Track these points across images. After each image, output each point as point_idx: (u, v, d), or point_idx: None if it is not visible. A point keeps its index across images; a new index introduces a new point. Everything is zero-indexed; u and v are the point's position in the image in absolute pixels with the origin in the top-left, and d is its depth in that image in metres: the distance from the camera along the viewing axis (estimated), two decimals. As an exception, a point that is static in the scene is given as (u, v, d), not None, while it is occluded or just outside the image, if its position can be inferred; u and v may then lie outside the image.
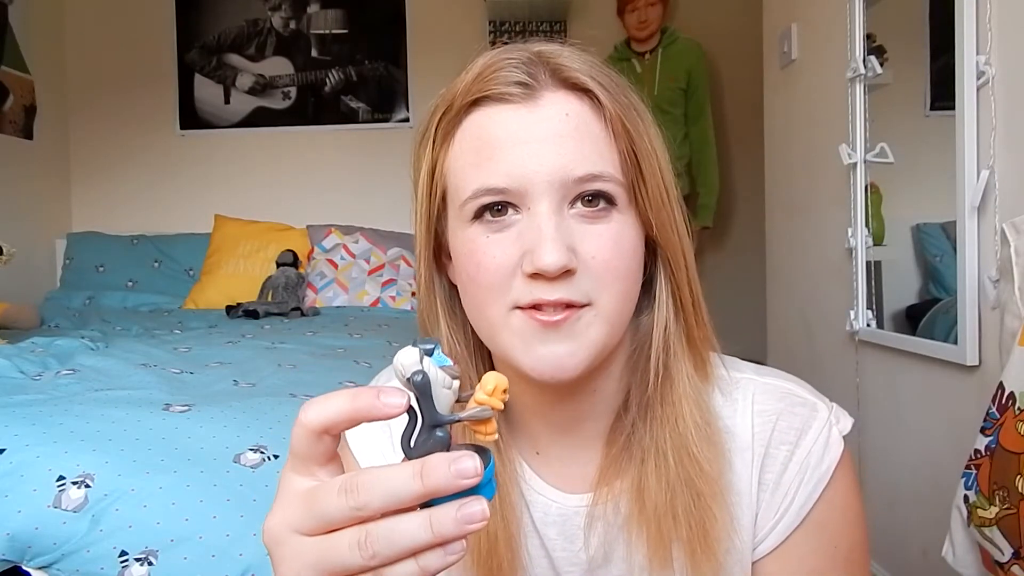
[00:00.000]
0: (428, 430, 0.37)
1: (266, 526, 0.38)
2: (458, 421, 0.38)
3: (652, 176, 0.56)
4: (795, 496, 0.60)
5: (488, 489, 0.36)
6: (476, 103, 0.56)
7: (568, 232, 0.54)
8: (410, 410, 0.37)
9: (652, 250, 0.60)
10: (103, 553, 1.08)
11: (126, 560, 1.08)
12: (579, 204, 0.55)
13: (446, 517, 0.34)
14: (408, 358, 0.37)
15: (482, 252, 0.55)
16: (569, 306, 0.53)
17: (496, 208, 0.55)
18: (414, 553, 0.34)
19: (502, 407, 0.39)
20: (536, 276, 0.53)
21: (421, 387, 0.37)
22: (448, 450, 0.37)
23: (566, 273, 0.52)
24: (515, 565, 0.60)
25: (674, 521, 0.57)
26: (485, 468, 0.36)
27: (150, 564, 1.07)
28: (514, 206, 0.55)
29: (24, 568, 1.11)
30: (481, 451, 0.37)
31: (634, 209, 0.57)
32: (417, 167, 0.61)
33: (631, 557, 0.60)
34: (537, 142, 0.54)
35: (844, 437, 0.62)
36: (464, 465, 0.34)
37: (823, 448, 0.61)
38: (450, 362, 0.38)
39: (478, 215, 0.56)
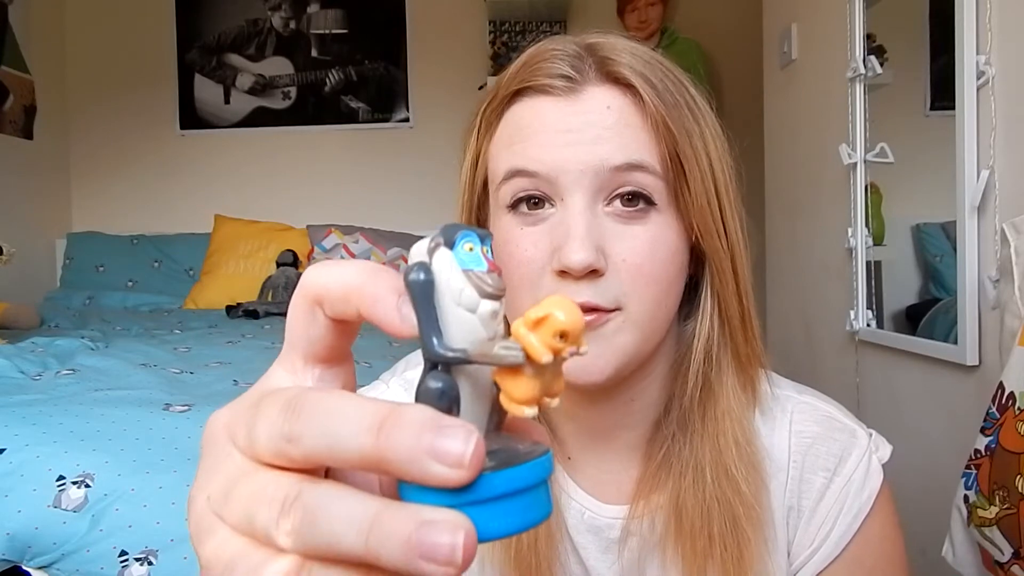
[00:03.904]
0: (430, 373, 0.23)
1: (209, 420, 0.25)
2: (459, 362, 0.23)
3: (697, 180, 0.53)
4: (833, 526, 0.58)
5: (506, 511, 0.21)
6: (519, 93, 0.55)
7: (599, 231, 0.51)
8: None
9: (701, 255, 0.57)
10: (103, 553, 1.08)
11: (126, 560, 1.08)
12: (616, 203, 0.53)
13: (395, 527, 0.20)
14: (420, 247, 0.24)
15: (514, 244, 0.53)
16: (595, 310, 0.51)
17: (533, 201, 0.54)
18: (349, 561, 0.20)
19: (546, 359, 0.22)
20: (563, 274, 0.51)
21: (418, 290, 0.22)
22: (452, 411, 0.23)
23: (593, 273, 0.51)
24: (553, 564, 0.58)
25: (709, 541, 0.55)
26: (508, 468, 0.21)
27: (150, 564, 1.07)
28: (549, 200, 0.53)
29: (24, 568, 1.11)
30: (533, 448, 0.23)
31: (676, 210, 0.54)
32: (463, 157, 0.60)
33: (665, 575, 0.59)
34: (573, 131, 0.52)
35: (883, 466, 0.61)
36: (447, 440, 0.20)
37: (863, 477, 0.59)
38: (486, 266, 0.23)
39: (514, 206, 0.54)
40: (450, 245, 0.23)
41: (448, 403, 0.23)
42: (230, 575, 0.22)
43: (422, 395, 0.23)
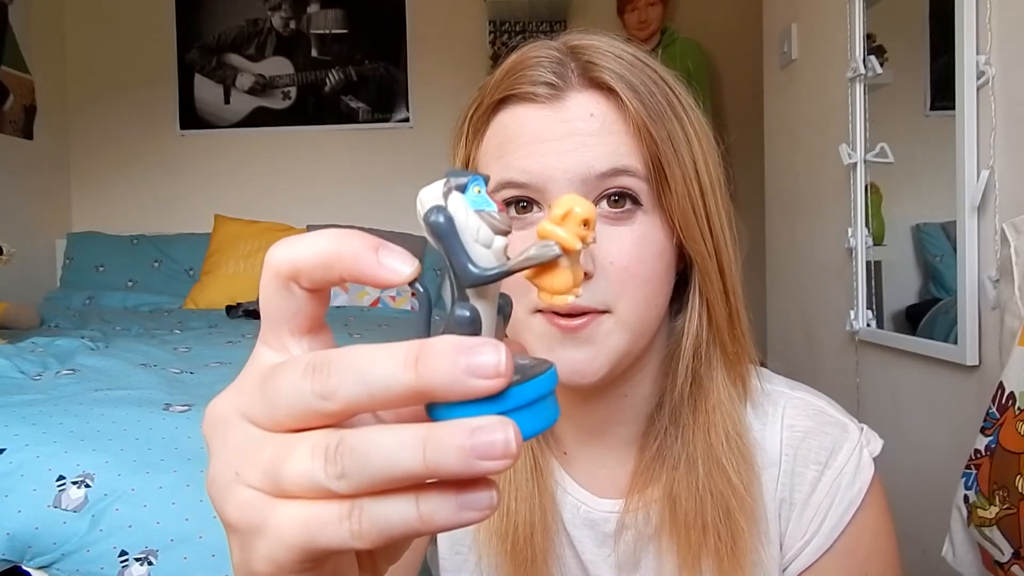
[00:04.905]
0: (455, 305, 0.25)
1: (209, 407, 0.26)
2: (501, 277, 0.25)
3: (679, 182, 0.54)
4: (825, 518, 0.59)
5: (533, 415, 0.24)
6: (504, 101, 0.56)
7: None
8: (419, 291, 0.25)
9: (688, 253, 0.58)
10: (103, 553, 1.08)
11: (126, 560, 1.08)
12: (604, 204, 0.54)
13: (449, 439, 0.21)
14: (428, 191, 0.25)
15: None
16: (585, 312, 0.52)
17: (521, 204, 0.55)
18: (404, 486, 0.22)
19: (579, 247, 0.25)
20: None
21: (442, 230, 0.24)
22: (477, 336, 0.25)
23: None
24: (549, 557, 0.59)
25: (703, 531, 0.56)
26: (530, 380, 0.23)
27: (150, 564, 1.07)
28: (538, 204, 0.54)
29: (24, 568, 1.11)
30: (540, 363, 0.25)
31: (661, 210, 0.55)
32: (452, 163, 0.61)
33: (661, 566, 0.60)
34: (558, 140, 0.53)
35: (874, 459, 0.61)
36: (483, 360, 0.22)
37: (854, 470, 0.60)
38: (494, 206, 0.25)
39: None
40: (462, 189, 0.25)
41: (474, 329, 0.25)
42: (271, 531, 0.23)
43: (453, 324, 0.25)
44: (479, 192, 0.25)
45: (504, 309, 0.27)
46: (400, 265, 0.24)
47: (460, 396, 0.22)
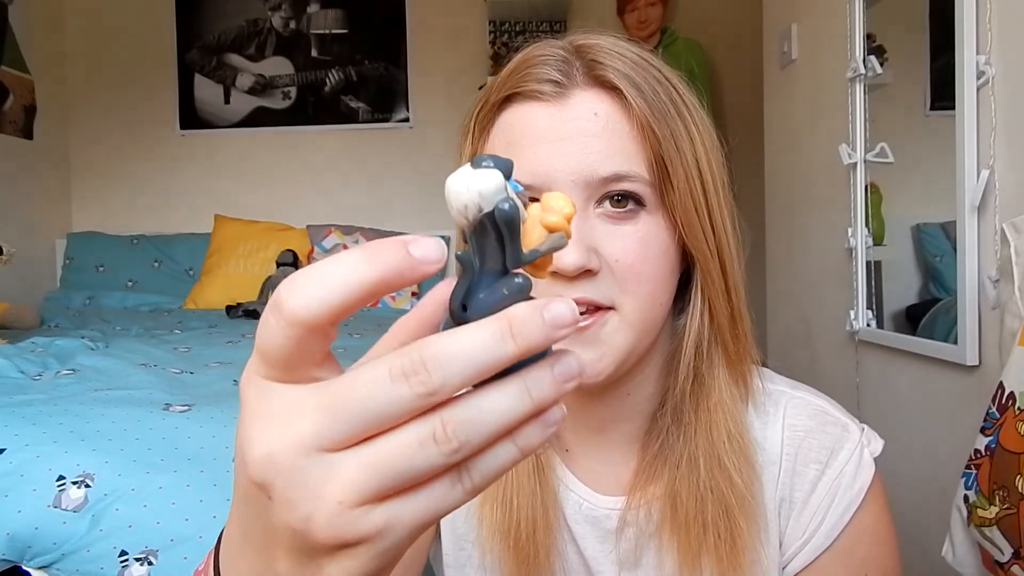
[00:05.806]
0: (495, 278, 0.27)
1: (260, 453, 0.24)
2: (537, 258, 0.28)
3: (681, 180, 0.54)
4: (824, 517, 0.59)
5: None
6: (510, 99, 0.56)
7: (591, 232, 0.53)
8: (465, 260, 0.28)
9: (691, 252, 0.58)
10: (103, 553, 1.08)
11: (126, 560, 1.08)
12: (607, 204, 0.54)
13: (543, 378, 0.25)
14: (487, 181, 0.26)
15: None
16: (594, 309, 0.53)
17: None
18: (505, 433, 0.25)
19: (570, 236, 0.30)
20: (556, 275, 0.52)
21: (510, 221, 0.26)
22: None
23: (587, 273, 0.52)
24: (551, 554, 0.60)
25: (703, 529, 0.57)
26: None
27: (150, 564, 1.07)
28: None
29: (24, 568, 1.11)
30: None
31: (665, 209, 0.55)
32: (459, 161, 0.61)
33: (661, 563, 0.60)
34: (562, 140, 0.53)
35: (875, 460, 0.62)
36: (559, 311, 0.25)
37: (855, 470, 0.60)
38: (521, 187, 0.28)
39: None
40: (508, 176, 0.27)
41: (526, 296, 0.27)
42: (395, 529, 0.24)
43: (515, 291, 0.27)
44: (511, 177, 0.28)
45: None
46: (432, 251, 0.25)
47: (546, 347, 0.25)
